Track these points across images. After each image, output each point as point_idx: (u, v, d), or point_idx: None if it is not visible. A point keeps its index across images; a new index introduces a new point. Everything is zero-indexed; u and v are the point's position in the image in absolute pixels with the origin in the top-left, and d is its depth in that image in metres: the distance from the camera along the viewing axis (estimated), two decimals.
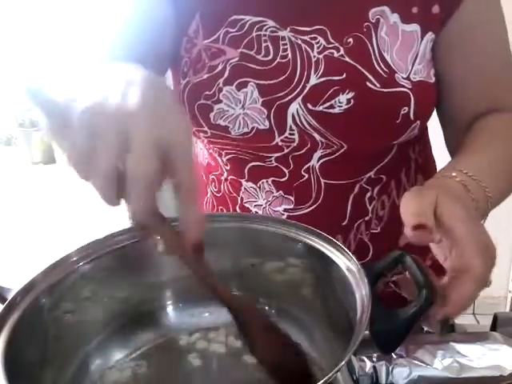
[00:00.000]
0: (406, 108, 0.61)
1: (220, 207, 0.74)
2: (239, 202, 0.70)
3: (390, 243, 0.64)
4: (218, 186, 0.73)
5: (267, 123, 0.63)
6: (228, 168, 0.69)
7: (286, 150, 0.64)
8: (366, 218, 0.68)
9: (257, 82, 0.62)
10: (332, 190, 0.66)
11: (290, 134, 0.63)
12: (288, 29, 0.62)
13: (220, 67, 0.63)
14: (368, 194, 0.67)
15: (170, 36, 0.66)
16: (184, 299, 0.61)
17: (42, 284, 0.50)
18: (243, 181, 0.69)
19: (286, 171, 0.66)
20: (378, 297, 0.44)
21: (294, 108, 0.62)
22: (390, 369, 0.52)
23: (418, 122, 0.63)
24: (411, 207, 0.46)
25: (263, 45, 0.62)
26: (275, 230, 0.56)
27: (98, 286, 0.55)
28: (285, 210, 0.68)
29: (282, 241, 0.55)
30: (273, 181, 0.67)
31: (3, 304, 0.46)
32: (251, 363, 0.54)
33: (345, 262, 0.49)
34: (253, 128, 0.63)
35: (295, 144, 0.64)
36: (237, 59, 0.62)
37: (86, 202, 2.54)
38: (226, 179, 0.71)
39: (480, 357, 0.52)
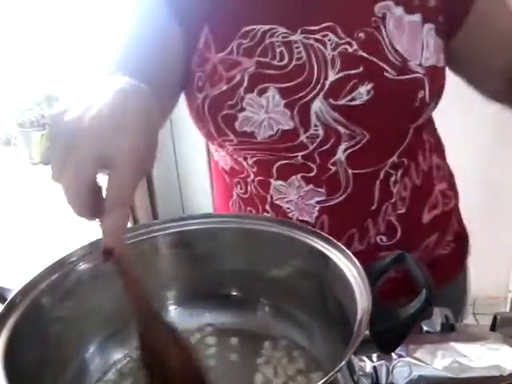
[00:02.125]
0: (422, 91, 0.65)
1: (248, 208, 0.75)
2: (269, 200, 0.72)
3: (415, 221, 0.73)
4: (245, 188, 0.74)
5: (291, 123, 0.65)
6: (255, 170, 0.71)
7: (311, 147, 0.66)
8: (392, 201, 0.71)
9: (277, 85, 0.64)
10: (359, 178, 0.68)
11: (315, 131, 0.65)
12: (299, 31, 0.64)
13: (238, 77, 0.64)
14: (392, 178, 0.70)
15: (179, 54, 0.67)
16: (184, 299, 0.61)
17: (41, 284, 0.50)
18: (272, 180, 0.70)
19: (314, 166, 0.68)
20: (377, 297, 0.45)
21: (316, 105, 0.64)
22: (390, 369, 0.52)
23: (433, 103, 0.68)
24: None
25: (277, 50, 0.64)
26: (275, 230, 0.56)
27: (98, 286, 0.55)
28: (317, 202, 0.69)
29: (282, 241, 0.55)
30: (302, 176, 0.69)
31: (3, 304, 0.46)
32: (251, 363, 0.54)
33: (345, 263, 0.49)
34: (278, 130, 0.65)
35: (320, 139, 0.66)
36: (253, 68, 0.64)
37: None
38: (252, 180, 0.72)
39: (480, 357, 0.52)
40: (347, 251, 0.50)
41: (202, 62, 0.67)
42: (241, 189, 0.75)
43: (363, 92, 0.64)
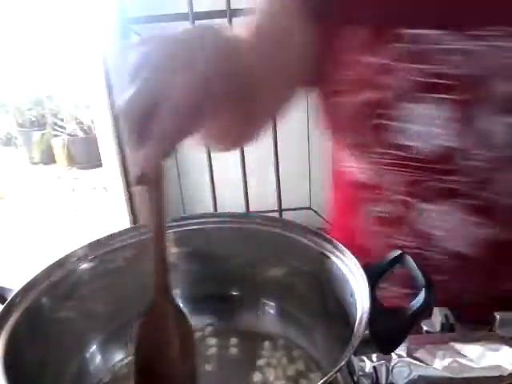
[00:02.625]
0: None
1: (380, 229, 0.65)
2: (412, 223, 0.61)
3: None
4: (383, 207, 0.64)
5: (456, 140, 0.55)
6: (402, 188, 0.61)
7: (472, 173, 0.56)
8: None
9: (445, 96, 0.55)
10: None
11: (480, 152, 0.55)
12: (464, 36, 0.54)
13: (395, 84, 0.56)
14: None
15: (300, 53, 0.60)
16: (184, 299, 0.61)
17: (41, 284, 0.50)
18: (424, 203, 0.60)
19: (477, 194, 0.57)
20: (377, 297, 0.44)
21: (484, 122, 0.54)
22: (390, 369, 0.52)
23: None
24: None
25: (441, 57, 0.55)
26: (275, 230, 0.56)
27: (98, 285, 0.55)
28: (480, 234, 0.59)
29: (282, 241, 0.55)
30: (467, 204, 0.58)
31: (3, 304, 0.46)
32: (250, 364, 0.54)
33: (345, 262, 0.49)
34: (437, 146, 0.56)
35: (486, 165, 0.55)
36: (415, 75, 0.56)
37: (85, 202, 2.55)
38: (396, 200, 0.62)
39: (480, 357, 0.52)
40: (347, 251, 0.50)
41: (347, 65, 0.59)
42: (375, 206, 0.65)
43: None
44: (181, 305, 0.60)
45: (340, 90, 0.59)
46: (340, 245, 0.51)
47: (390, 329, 0.43)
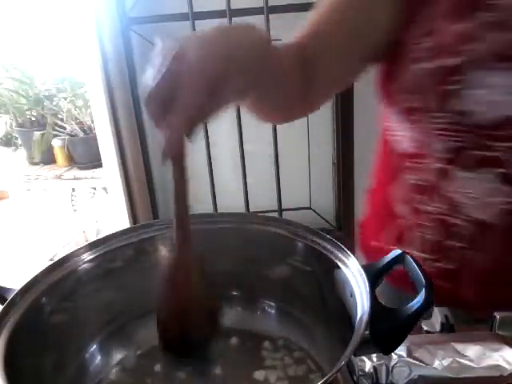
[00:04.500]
0: None
1: (414, 195, 0.68)
2: (443, 190, 0.64)
3: None
4: (419, 174, 0.67)
5: None
6: (440, 156, 0.63)
7: None
8: None
9: None
10: None
11: None
12: None
13: (473, 52, 0.57)
14: None
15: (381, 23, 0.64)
16: None
17: (41, 284, 0.50)
18: (457, 170, 0.63)
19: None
20: (377, 297, 0.45)
21: None
22: (390, 369, 0.52)
23: None
24: None
25: None
26: (275, 230, 0.56)
27: (98, 285, 0.55)
28: (501, 202, 0.61)
29: (282, 241, 0.55)
30: (498, 173, 0.60)
31: (3, 304, 0.46)
32: (250, 364, 0.54)
33: (345, 262, 0.49)
34: (502, 115, 0.57)
35: None
36: (494, 44, 0.57)
37: (85, 202, 2.54)
38: (433, 168, 0.65)
39: (480, 357, 0.52)
40: (347, 251, 0.50)
41: (429, 32, 0.60)
42: (413, 174, 0.67)
43: None
44: None
45: (418, 56, 0.61)
46: (340, 245, 0.51)
47: (390, 329, 0.43)
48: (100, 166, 1.99)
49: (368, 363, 0.52)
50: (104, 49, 1.70)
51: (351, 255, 0.49)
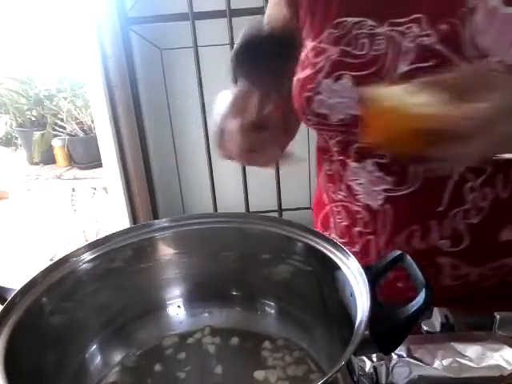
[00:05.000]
0: None
1: (328, 184, 0.78)
2: (344, 180, 0.74)
3: (489, 236, 0.69)
4: (330, 166, 0.77)
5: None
6: (336, 149, 0.74)
7: None
8: (464, 207, 0.67)
9: (352, 73, 0.66)
10: (429, 175, 0.67)
11: None
12: (385, 24, 0.66)
13: (321, 63, 0.69)
14: (468, 185, 0.66)
15: None
16: (184, 299, 0.61)
17: (41, 284, 0.50)
18: (349, 161, 0.72)
19: (387, 154, 0.68)
20: (377, 297, 0.45)
21: None
22: (390, 369, 0.52)
23: None
24: None
25: (360, 41, 0.67)
26: (275, 230, 0.56)
27: (98, 285, 0.55)
28: (384, 189, 0.70)
29: (282, 241, 0.55)
30: (375, 162, 0.69)
31: (3, 304, 0.46)
32: (250, 364, 0.54)
33: (345, 262, 0.49)
34: (349, 114, 0.67)
35: None
36: (336, 55, 0.68)
37: (85, 202, 2.54)
38: (336, 160, 0.75)
39: (480, 357, 0.52)
40: (347, 251, 0.50)
41: (305, 47, 0.72)
42: (327, 166, 0.78)
43: None
44: (181, 305, 0.61)
45: (299, 67, 0.73)
46: (340, 245, 0.51)
47: (390, 329, 0.43)
48: (100, 166, 1.99)
49: (368, 363, 0.53)
50: (104, 49, 1.70)
51: (351, 255, 0.49)
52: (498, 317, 0.58)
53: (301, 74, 0.71)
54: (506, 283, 0.71)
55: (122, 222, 1.92)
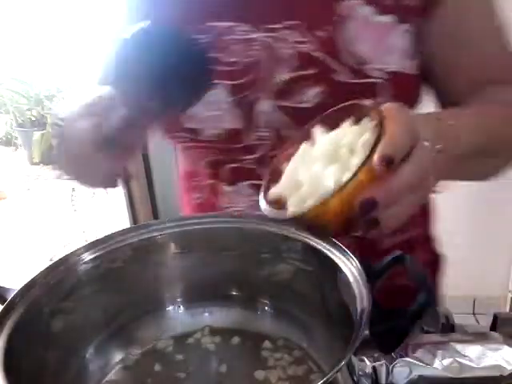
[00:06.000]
0: (380, 98, 0.62)
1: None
2: (218, 208, 0.69)
3: (372, 246, 0.66)
4: (200, 193, 0.72)
5: (237, 123, 0.63)
6: (206, 172, 0.69)
7: (261, 151, 0.64)
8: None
9: (225, 82, 0.62)
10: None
11: (263, 133, 0.63)
12: (261, 29, 0.62)
13: None
14: None
15: None
16: (184, 299, 0.61)
17: (42, 284, 0.50)
18: (222, 184, 0.68)
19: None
20: (377, 297, 0.45)
21: (263, 105, 0.63)
22: (390, 369, 0.52)
23: None
24: None
25: (233, 47, 0.63)
26: (275, 230, 0.56)
27: (98, 285, 0.55)
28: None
29: (281, 241, 0.55)
30: (251, 184, 0.66)
31: (3, 304, 0.46)
32: (250, 364, 0.54)
33: (345, 262, 0.49)
34: (224, 129, 0.63)
35: (270, 143, 0.64)
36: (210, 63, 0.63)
37: (85, 202, 2.55)
38: (206, 185, 0.70)
39: (480, 357, 0.52)
40: (347, 251, 0.50)
41: None
42: (196, 193, 0.73)
43: (312, 94, 0.61)
44: (180, 304, 0.61)
45: None
46: (340, 245, 0.51)
47: (390, 329, 0.43)
48: None
49: (368, 363, 0.52)
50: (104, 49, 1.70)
51: (351, 255, 0.49)
52: (498, 317, 0.58)
53: None
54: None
55: (122, 221, 1.92)
